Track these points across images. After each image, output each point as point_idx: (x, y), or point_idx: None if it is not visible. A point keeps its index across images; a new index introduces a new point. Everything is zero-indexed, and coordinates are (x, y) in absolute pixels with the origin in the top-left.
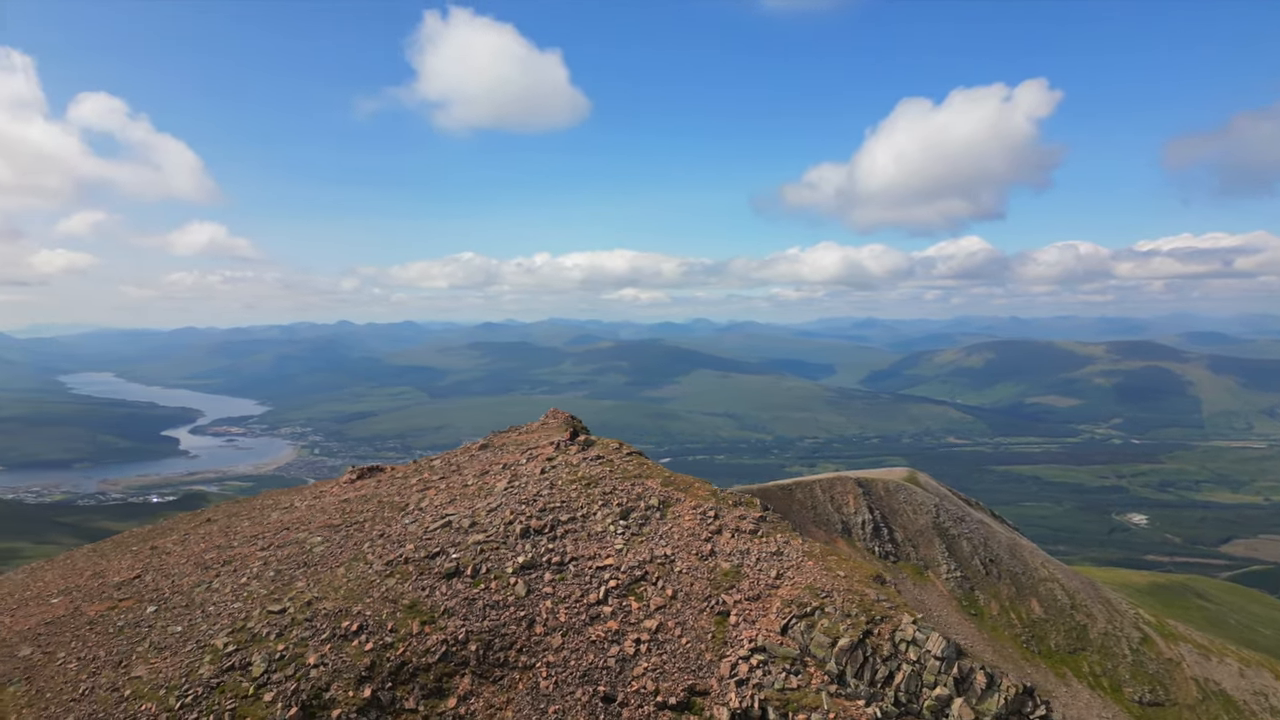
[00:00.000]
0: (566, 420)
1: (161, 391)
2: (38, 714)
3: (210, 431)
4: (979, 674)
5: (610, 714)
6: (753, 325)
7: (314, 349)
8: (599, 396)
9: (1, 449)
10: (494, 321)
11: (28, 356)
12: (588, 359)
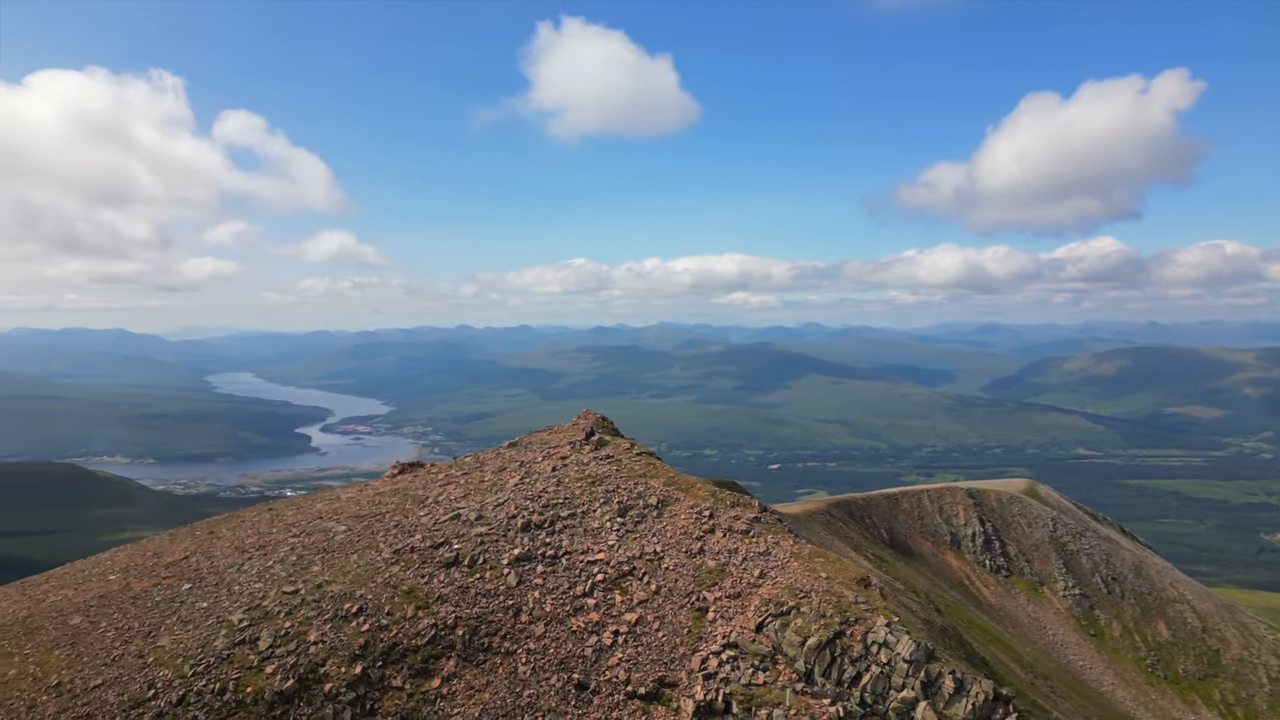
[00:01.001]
0: (597, 421)
1: (296, 391)
2: (74, 675)
3: (339, 430)
4: (947, 678)
5: (582, 701)
6: (867, 330)
7: (435, 352)
8: (707, 401)
9: (155, 444)
10: (605, 325)
11: (179, 358)
12: (696, 363)
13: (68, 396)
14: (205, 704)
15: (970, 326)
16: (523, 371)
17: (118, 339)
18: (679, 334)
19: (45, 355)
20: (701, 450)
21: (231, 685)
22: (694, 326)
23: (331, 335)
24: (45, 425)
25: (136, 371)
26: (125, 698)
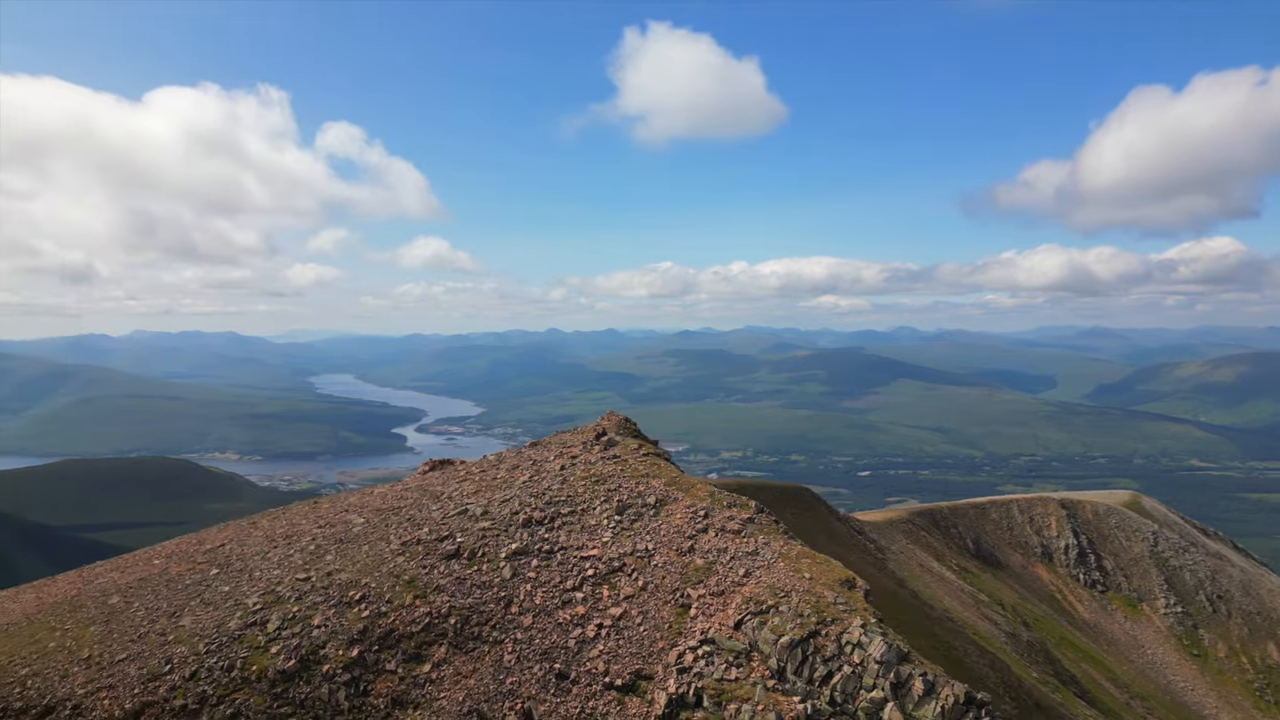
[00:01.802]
0: (620, 422)
1: (392, 392)
2: (103, 649)
3: (433, 430)
4: (917, 680)
5: (561, 690)
6: (963, 334)
7: (524, 355)
8: (795, 406)
9: (262, 442)
10: (691, 329)
11: (283, 360)
12: (784, 367)
13: (184, 396)
14: (214, 679)
15: (1074, 331)
16: (609, 375)
17: (229, 341)
18: (766, 338)
19: (164, 356)
20: (788, 455)
21: (239, 663)
22: (781, 330)
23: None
24: (163, 423)
25: (246, 373)
26: (145, 671)
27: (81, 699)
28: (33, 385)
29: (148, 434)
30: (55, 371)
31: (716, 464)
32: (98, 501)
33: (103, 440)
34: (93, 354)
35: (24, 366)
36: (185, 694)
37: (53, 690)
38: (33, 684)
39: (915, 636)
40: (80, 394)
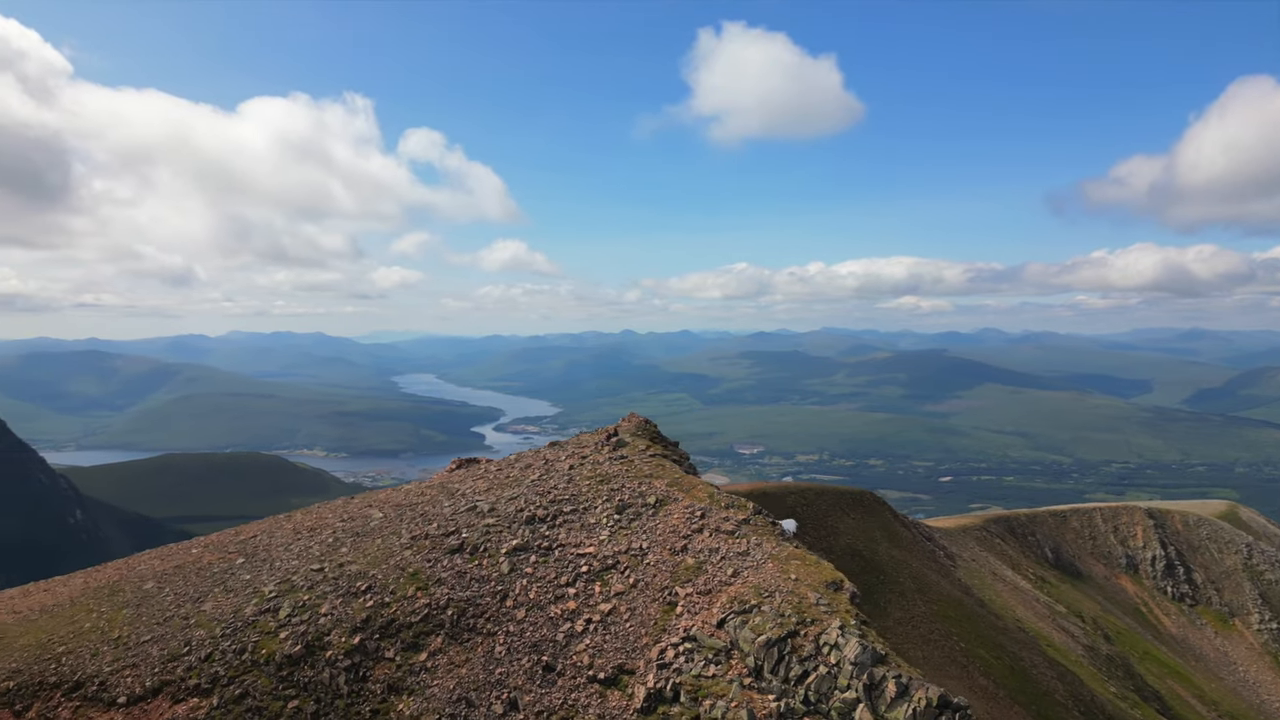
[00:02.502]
0: (640, 424)
1: (472, 392)
2: (132, 631)
3: (510, 429)
4: (891, 682)
5: (547, 681)
6: (1051, 336)
7: (599, 356)
8: (873, 409)
9: (348, 439)
10: (766, 331)
11: (369, 360)
12: (862, 370)
13: (276, 394)
14: (226, 661)
15: (1171, 333)
16: (683, 376)
17: (318, 342)
18: (843, 339)
19: (258, 356)
20: (866, 460)
21: (250, 647)
22: (859, 332)
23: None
24: (257, 420)
25: (333, 372)
26: (165, 652)
27: (107, 676)
28: (137, 383)
29: (242, 430)
30: (158, 370)
31: (791, 467)
32: (195, 494)
33: (201, 436)
34: (192, 353)
35: (129, 365)
36: (199, 674)
37: (83, 667)
38: (66, 661)
39: (977, 646)
40: (181, 391)
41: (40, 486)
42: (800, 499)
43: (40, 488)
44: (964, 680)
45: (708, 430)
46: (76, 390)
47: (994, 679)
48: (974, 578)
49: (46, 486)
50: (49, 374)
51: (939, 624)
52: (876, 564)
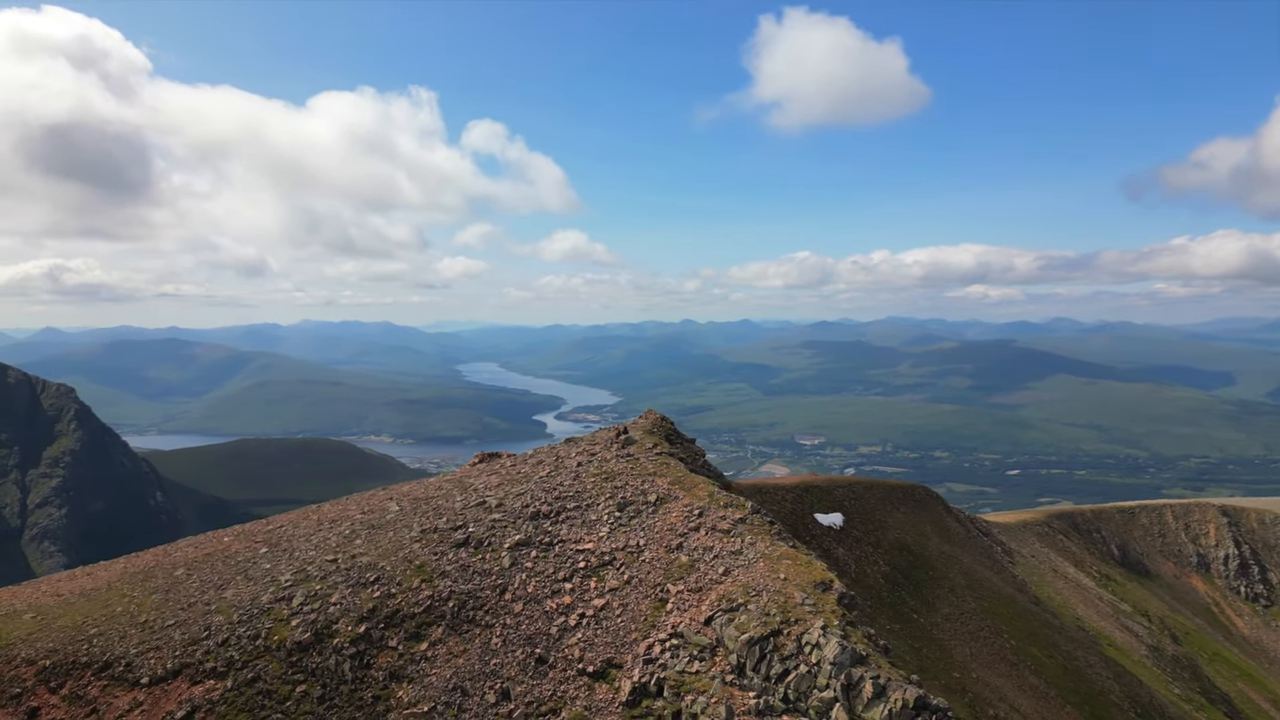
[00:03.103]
0: (657, 420)
1: (534, 380)
2: (158, 615)
3: (571, 418)
4: (868, 683)
5: (538, 673)
6: (1127, 326)
7: (658, 346)
8: (938, 400)
9: (413, 425)
10: (828, 320)
11: (434, 348)
12: (927, 360)
13: (344, 382)
14: (241, 646)
15: (1256, 323)
16: (743, 366)
17: (384, 331)
18: (908, 329)
19: (327, 344)
20: (930, 452)
21: (264, 633)
22: (925, 321)
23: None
24: (326, 407)
25: (400, 360)
26: (187, 636)
27: (133, 658)
28: (214, 370)
29: (313, 416)
30: (233, 358)
31: (854, 459)
32: (268, 478)
33: (274, 421)
34: (266, 341)
35: (206, 353)
36: (216, 658)
37: (112, 649)
38: (97, 642)
39: (1029, 643)
40: (255, 378)
41: (124, 469)
42: (849, 493)
43: (124, 470)
44: (1013, 678)
45: (768, 420)
46: (157, 377)
47: (1045, 678)
48: (1032, 574)
49: (129, 469)
50: (132, 361)
51: (989, 620)
52: (926, 559)
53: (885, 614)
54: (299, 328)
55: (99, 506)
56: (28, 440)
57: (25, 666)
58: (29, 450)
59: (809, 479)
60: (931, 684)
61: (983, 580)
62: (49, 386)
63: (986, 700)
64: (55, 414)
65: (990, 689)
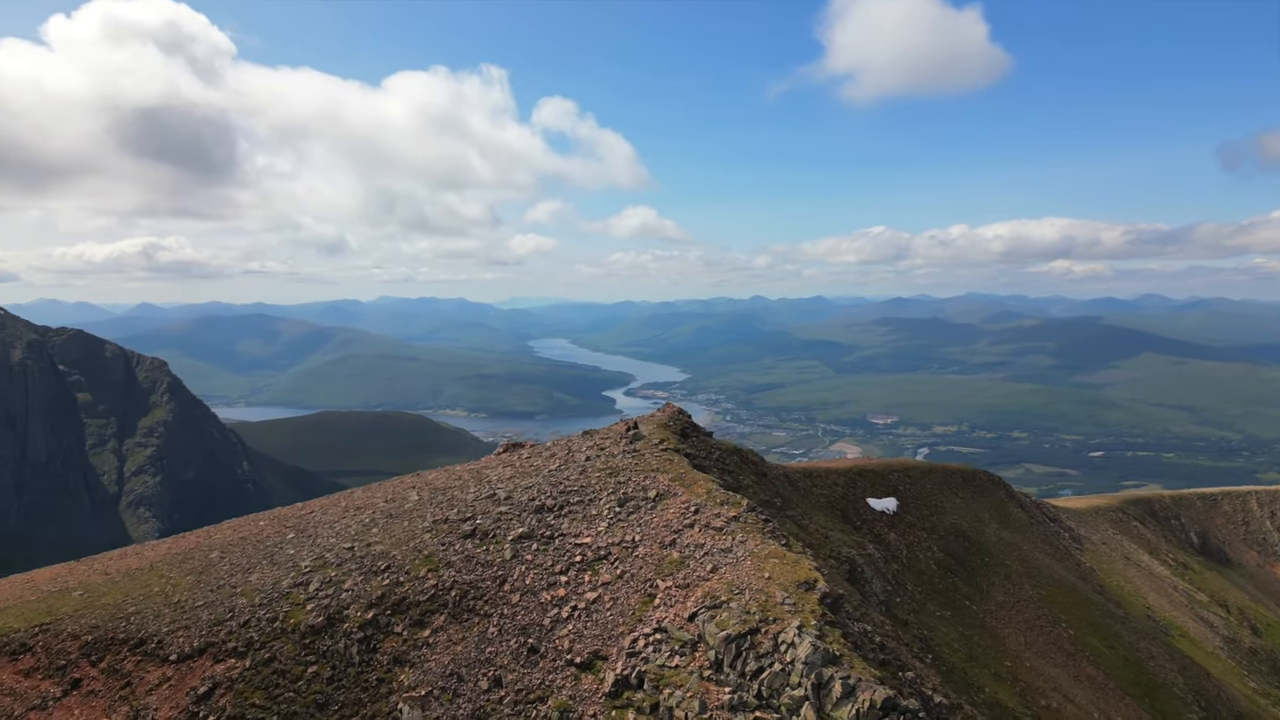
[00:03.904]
0: (674, 414)
1: (604, 357)
2: (190, 596)
3: (640, 394)
4: (837, 683)
5: (530, 662)
6: (1223, 303)
7: (728, 323)
8: (1018, 379)
9: (486, 400)
10: (904, 297)
11: (507, 324)
12: (1007, 337)
13: (421, 357)
14: (260, 628)
15: None
16: (814, 343)
17: (459, 307)
18: (987, 306)
19: (404, 320)
20: (1008, 432)
21: (281, 616)
22: (1005, 298)
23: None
24: (404, 381)
25: (473, 336)
26: (213, 617)
27: (164, 636)
28: (297, 344)
29: (391, 390)
30: (315, 333)
31: (928, 438)
32: (348, 449)
33: (354, 395)
34: (346, 317)
35: (290, 328)
36: (237, 639)
37: (146, 627)
38: (134, 620)
39: (1088, 633)
40: (336, 353)
41: (213, 440)
42: (904, 477)
43: (213, 441)
44: (1069, 668)
45: (840, 399)
46: (244, 351)
47: (1104, 669)
48: (1101, 562)
49: (218, 440)
50: (221, 336)
51: (1046, 609)
52: (983, 545)
53: (936, 600)
54: (377, 304)
55: (190, 475)
56: (124, 411)
57: (71, 641)
58: (126, 420)
59: (862, 462)
60: (980, 672)
61: (1042, 568)
62: (143, 360)
63: (1039, 690)
64: (149, 386)
65: (1044, 679)
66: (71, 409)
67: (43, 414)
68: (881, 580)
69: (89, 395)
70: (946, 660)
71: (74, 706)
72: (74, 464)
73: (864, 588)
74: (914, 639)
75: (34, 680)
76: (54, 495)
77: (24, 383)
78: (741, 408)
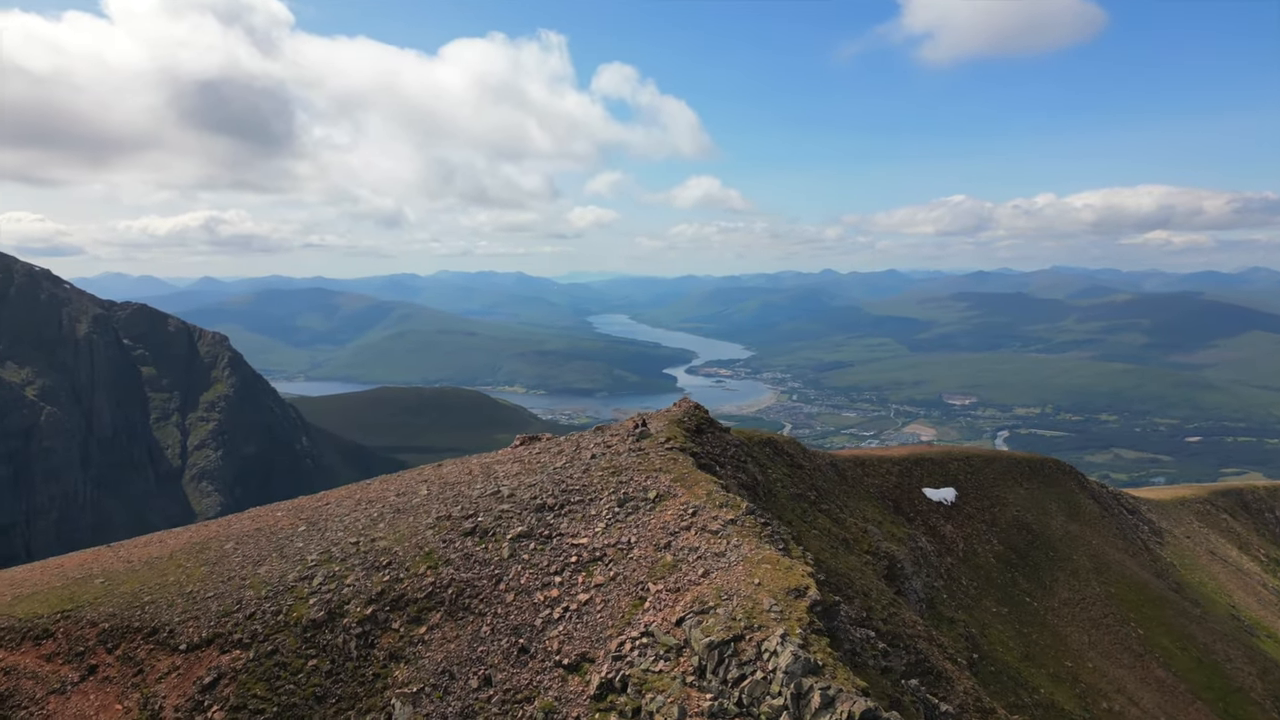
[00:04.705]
0: (690, 410)
1: (665, 333)
2: (202, 587)
3: (702, 372)
4: (816, 694)
5: (520, 662)
6: None
7: (796, 298)
8: (1109, 358)
9: (545, 377)
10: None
11: (566, 299)
12: (1097, 314)
13: (479, 332)
14: (264, 621)
15: None
16: (887, 320)
17: (518, 281)
18: (1076, 280)
19: (463, 295)
20: (1096, 415)
21: (285, 609)
22: (1095, 271)
23: (698, 280)
24: (462, 357)
25: (533, 311)
26: (221, 608)
27: (176, 625)
28: (356, 319)
29: (449, 366)
30: (374, 307)
31: (1007, 420)
32: (406, 425)
33: (412, 370)
34: (405, 291)
35: (350, 303)
36: (242, 630)
37: (159, 616)
38: (148, 610)
39: (1159, 634)
40: (395, 328)
41: (272, 415)
42: (964, 466)
43: (273, 416)
44: (1136, 670)
45: (914, 378)
46: (304, 325)
47: (1174, 671)
48: (1183, 557)
49: (278, 415)
50: (281, 310)
51: (1114, 607)
52: (1047, 539)
53: (992, 596)
54: (436, 278)
55: (250, 450)
56: (187, 385)
57: (89, 628)
58: (188, 395)
59: (920, 450)
60: (1036, 672)
61: (1112, 563)
62: (205, 334)
63: (1101, 692)
64: (211, 360)
65: (1107, 680)
66: (135, 383)
67: (108, 388)
68: (925, 576)
69: (153, 369)
70: (998, 659)
71: (90, 691)
72: (139, 438)
73: (902, 585)
74: (958, 637)
75: (54, 665)
76: (119, 469)
77: (90, 357)
78: (809, 387)
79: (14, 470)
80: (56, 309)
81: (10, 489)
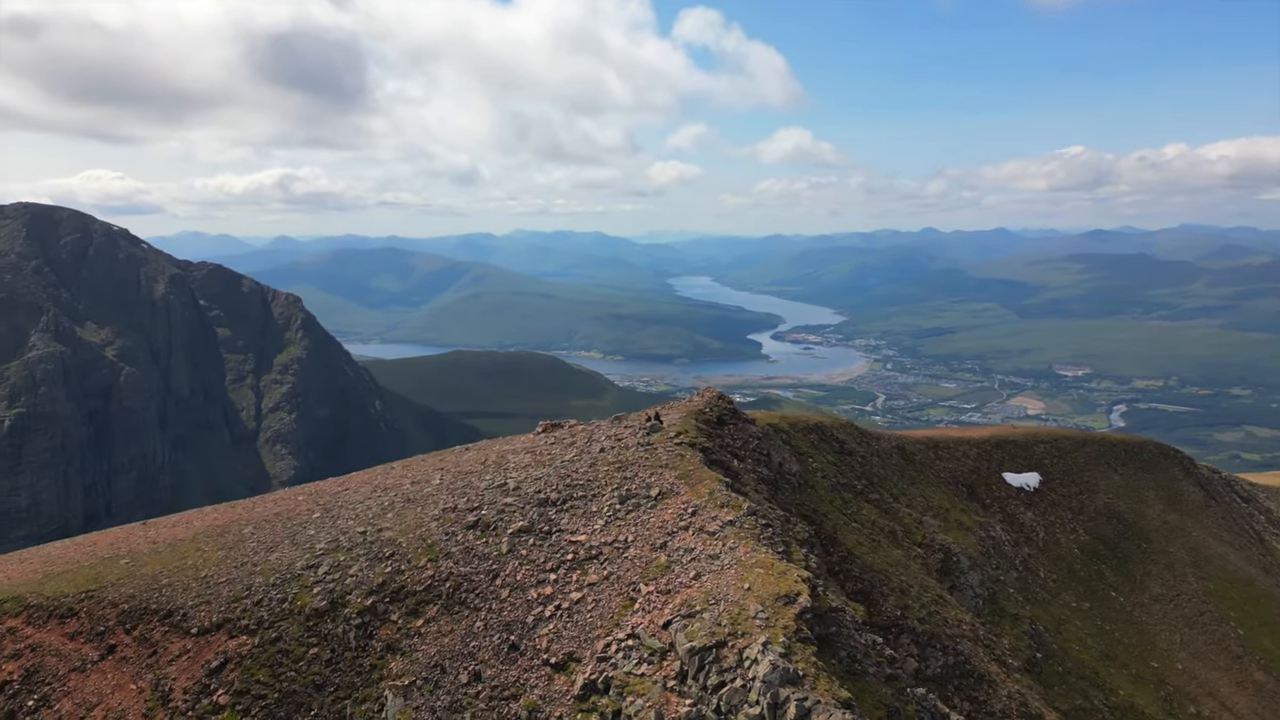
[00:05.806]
0: (712, 400)
1: (749, 296)
2: (216, 571)
3: (789, 338)
4: (792, 704)
5: (509, 659)
6: None
7: (893, 259)
8: (1242, 327)
9: (623, 342)
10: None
11: (645, 260)
12: (1230, 278)
13: (555, 294)
14: (270, 608)
15: None
16: (993, 283)
17: (596, 241)
18: (1208, 239)
19: (539, 255)
20: (1226, 389)
21: (290, 597)
22: (1230, 230)
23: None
24: (537, 320)
25: (610, 273)
26: (231, 594)
27: (189, 609)
28: (431, 280)
29: (524, 329)
30: (449, 268)
31: (1126, 394)
32: (479, 390)
33: (487, 333)
34: (480, 251)
35: (424, 263)
36: (250, 616)
37: (175, 599)
38: (165, 592)
39: (1261, 634)
40: (469, 289)
41: (346, 378)
42: (1051, 449)
43: (346, 379)
44: (1232, 672)
45: (1021, 346)
46: (379, 286)
47: (1277, 675)
48: None
49: (351, 378)
50: (356, 270)
51: (1212, 604)
52: (1141, 530)
53: (1073, 590)
54: (512, 238)
55: (323, 413)
56: (261, 346)
57: (110, 608)
58: (263, 356)
59: (1003, 431)
60: (1116, 672)
61: (1214, 557)
62: (279, 295)
63: (1190, 695)
64: (285, 322)
65: (1197, 683)
66: (211, 344)
67: (185, 349)
68: (992, 568)
69: (228, 330)
70: (1071, 658)
71: (108, 670)
72: (215, 399)
73: (956, 580)
74: (1021, 635)
75: (77, 643)
76: (196, 430)
77: (167, 317)
78: (905, 355)
79: (95, 430)
80: (135, 269)
81: (92, 448)
